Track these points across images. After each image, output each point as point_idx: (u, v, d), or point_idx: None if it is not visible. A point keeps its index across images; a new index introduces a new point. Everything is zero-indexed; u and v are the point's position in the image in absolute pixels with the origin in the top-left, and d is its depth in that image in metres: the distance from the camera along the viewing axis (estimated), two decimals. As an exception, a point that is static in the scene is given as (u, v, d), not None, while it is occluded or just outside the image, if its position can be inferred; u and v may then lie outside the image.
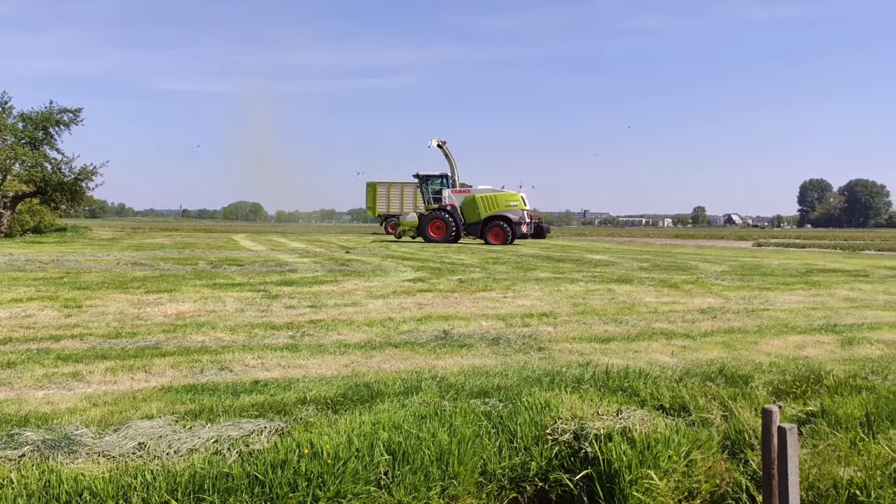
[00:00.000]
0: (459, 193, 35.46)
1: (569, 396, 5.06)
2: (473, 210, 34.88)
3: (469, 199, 35.15)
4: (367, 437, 4.33)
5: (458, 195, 35.37)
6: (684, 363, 6.65)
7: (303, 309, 9.82)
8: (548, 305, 10.57)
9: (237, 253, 22.26)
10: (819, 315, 10.00)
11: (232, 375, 6.04)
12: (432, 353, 7.08)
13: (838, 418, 4.67)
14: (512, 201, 35.08)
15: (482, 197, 35.17)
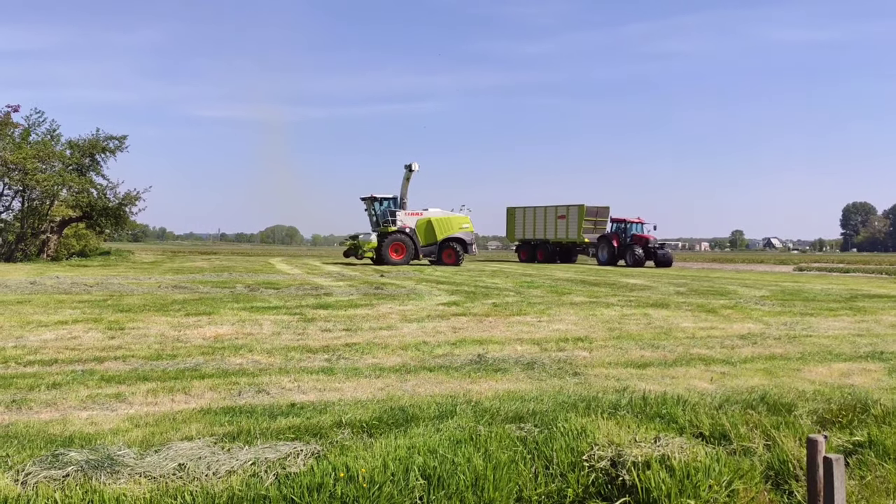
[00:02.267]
0: (412, 216, 36.12)
1: (605, 422, 5.00)
2: (430, 232, 35.84)
3: (424, 221, 35.99)
4: (403, 461, 4.33)
5: (410, 217, 36.01)
6: (724, 390, 6.52)
7: (338, 332, 9.89)
8: (583, 330, 10.48)
9: (274, 276, 22.55)
10: (865, 342, 9.74)
11: (269, 398, 6.10)
12: (467, 378, 7.06)
13: (886, 449, 4.53)
14: (464, 223, 36.74)
15: (438, 220, 36.23)
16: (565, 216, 46.09)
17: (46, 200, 33.63)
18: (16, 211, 33.83)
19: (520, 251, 50.35)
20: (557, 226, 46.59)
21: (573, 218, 45.58)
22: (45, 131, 33.73)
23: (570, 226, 45.66)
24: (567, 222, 45.95)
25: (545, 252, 47.41)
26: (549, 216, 47.58)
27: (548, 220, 47.68)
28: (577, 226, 45.26)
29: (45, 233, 33.72)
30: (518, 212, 50.21)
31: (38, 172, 31.43)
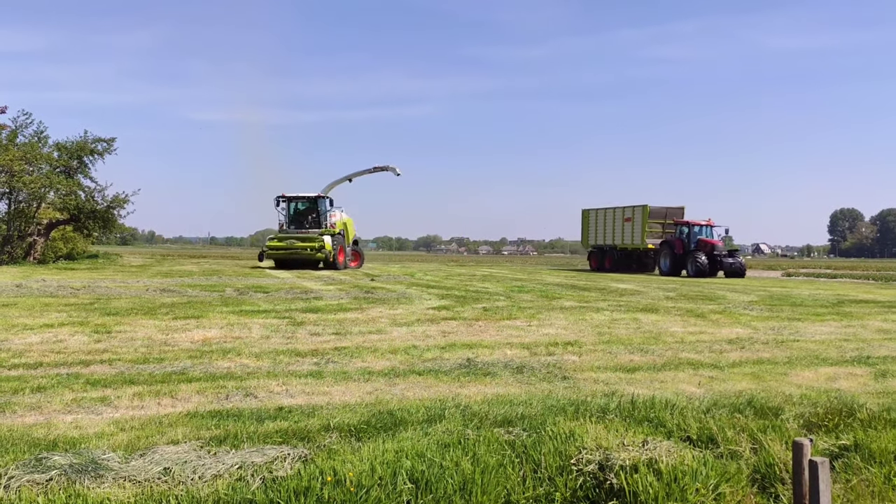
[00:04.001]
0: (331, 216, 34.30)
1: (594, 426, 5.00)
2: (346, 235, 34.67)
3: (341, 223, 34.41)
4: (391, 465, 4.32)
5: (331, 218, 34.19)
6: (712, 394, 6.54)
7: (327, 336, 9.86)
8: (573, 334, 10.49)
9: (263, 280, 22.45)
10: (851, 347, 9.80)
11: (257, 402, 6.07)
12: (456, 382, 7.05)
13: (872, 453, 4.55)
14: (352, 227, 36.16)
15: (349, 221, 35.55)
16: (631, 218, 40.69)
17: (33, 203, 33.36)
18: (2, 213, 33.59)
19: (591, 258, 44.80)
20: (624, 229, 41.24)
21: (637, 220, 40.14)
22: (33, 133, 33.49)
23: (636, 229, 40.20)
24: (633, 225, 40.52)
25: (613, 259, 41.89)
26: (617, 219, 42.25)
27: (616, 223, 42.38)
28: (640, 229, 39.72)
29: (32, 235, 33.44)
30: (591, 214, 45.00)
31: (25, 174, 31.20)
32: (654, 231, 39.59)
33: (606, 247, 42.42)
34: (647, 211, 39.29)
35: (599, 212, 43.76)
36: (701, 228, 36.80)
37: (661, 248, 37.75)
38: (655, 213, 39.83)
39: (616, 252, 41.62)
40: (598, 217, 43.93)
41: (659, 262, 37.63)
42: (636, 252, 40.36)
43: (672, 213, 40.08)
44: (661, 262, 37.37)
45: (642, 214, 39.43)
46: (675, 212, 40.25)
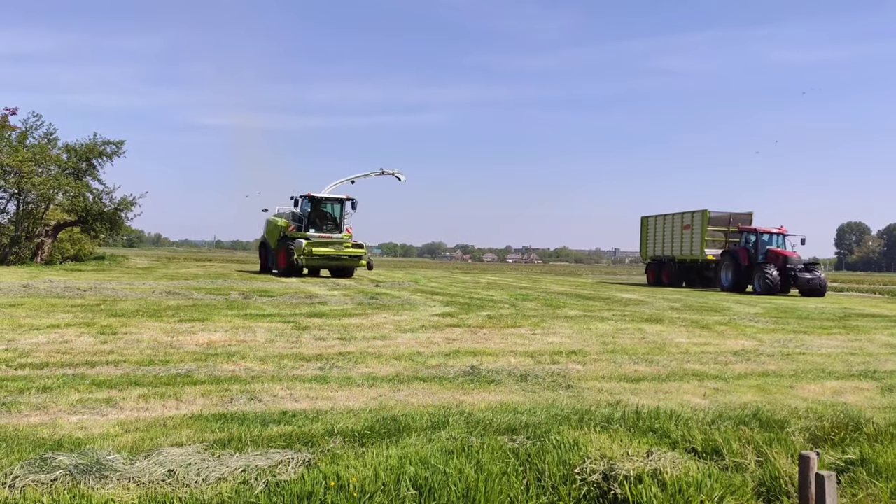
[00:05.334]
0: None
1: (598, 436, 4.99)
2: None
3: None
4: (394, 471, 4.31)
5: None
6: (717, 406, 6.52)
7: (332, 341, 9.86)
8: (577, 343, 10.47)
9: (268, 284, 22.50)
10: (858, 360, 9.75)
11: (261, 405, 6.07)
12: (460, 389, 7.04)
13: (878, 467, 4.52)
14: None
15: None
16: (689, 226, 35.34)
17: (42, 204, 33.53)
18: (10, 214, 33.74)
19: (648, 271, 39.18)
20: (683, 239, 35.96)
21: (696, 228, 34.73)
22: (42, 135, 33.73)
23: (694, 238, 34.84)
24: (691, 234, 35.17)
25: (671, 272, 36.38)
26: (676, 227, 36.84)
27: (675, 231, 36.93)
28: (699, 238, 34.33)
29: (40, 236, 33.61)
30: (650, 222, 39.46)
31: (34, 176, 31.39)
32: (717, 240, 34.51)
33: (665, 258, 37.23)
34: (706, 217, 34.20)
35: (658, 219, 38.63)
36: (771, 237, 30.93)
37: (722, 260, 32.27)
38: (717, 220, 34.64)
39: (674, 264, 36.39)
40: (657, 225, 38.71)
41: (720, 276, 32.02)
42: (696, 264, 35.18)
43: (738, 219, 34.58)
44: (721, 275, 31.78)
45: (701, 221, 34.32)
46: (742, 218, 34.83)
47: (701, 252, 34.04)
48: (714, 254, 33.43)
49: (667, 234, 37.50)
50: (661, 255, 37.66)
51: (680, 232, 36.13)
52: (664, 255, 37.36)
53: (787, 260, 29.06)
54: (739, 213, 34.88)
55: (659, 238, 38.28)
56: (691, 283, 35.47)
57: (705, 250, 33.81)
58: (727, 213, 34.75)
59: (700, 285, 34.65)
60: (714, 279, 33.03)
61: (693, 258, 34.87)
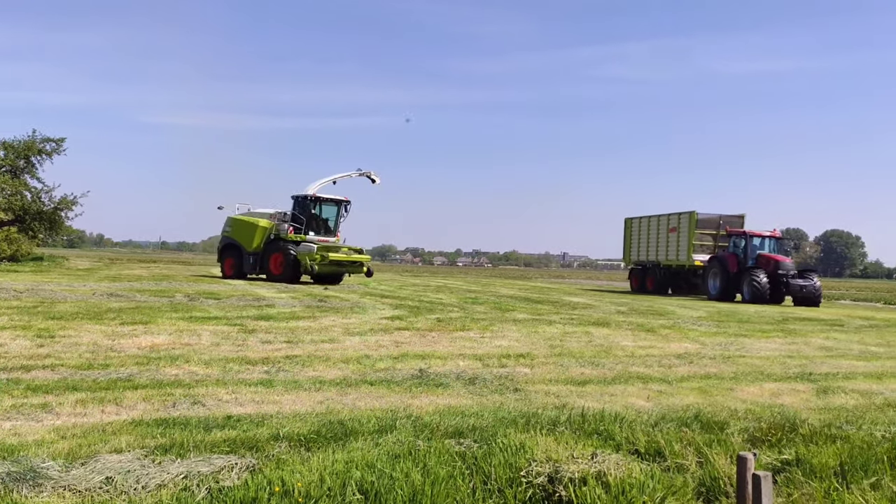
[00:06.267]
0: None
1: (544, 439, 5.03)
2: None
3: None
4: (340, 475, 4.27)
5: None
6: (660, 408, 6.65)
7: (279, 344, 9.73)
8: (525, 346, 10.56)
9: (215, 286, 22.07)
10: (795, 363, 10.07)
11: (204, 410, 5.95)
12: (408, 392, 7.03)
13: (813, 467, 4.68)
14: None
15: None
16: (676, 228, 33.03)
17: (-24, 202, 32.29)
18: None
19: (632, 277, 37.11)
20: (668, 242, 33.56)
21: (683, 231, 32.50)
22: (-23, 130, 32.48)
23: (681, 242, 32.59)
24: (678, 237, 32.87)
25: (656, 278, 34.37)
26: (661, 229, 34.35)
27: (660, 234, 34.50)
28: (686, 242, 32.12)
29: (-26, 235, 32.34)
30: (634, 224, 37.10)
31: (-32, 172, 30.20)
32: (705, 244, 32.45)
33: (649, 263, 35.14)
34: (694, 219, 32.01)
35: (643, 220, 36.20)
36: (763, 241, 29.03)
37: (709, 266, 30.11)
38: (706, 223, 32.49)
39: (659, 270, 34.22)
40: (642, 227, 36.21)
41: (707, 282, 29.98)
42: (682, 270, 32.96)
43: (728, 221, 32.40)
44: (709, 282, 29.68)
45: (689, 223, 32.06)
46: (733, 220, 32.54)
47: (688, 257, 32.00)
48: (702, 259, 31.51)
49: (651, 237, 35.18)
50: (645, 260, 35.57)
51: (666, 235, 33.85)
52: (648, 259, 35.24)
53: (779, 265, 27.02)
54: (730, 216, 32.80)
55: (643, 241, 35.89)
56: (678, 289, 33.46)
57: (692, 255, 31.85)
58: (717, 216, 32.68)
59: (687, 292, 32.79)
60: (702, 286, 31.06)
61: (679, 264, 32.71)
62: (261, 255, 27.95)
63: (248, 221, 28.85)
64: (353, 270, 28.31)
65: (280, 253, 27.09)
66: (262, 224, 28.38)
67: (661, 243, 34.18)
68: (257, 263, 28.02)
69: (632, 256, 37.08)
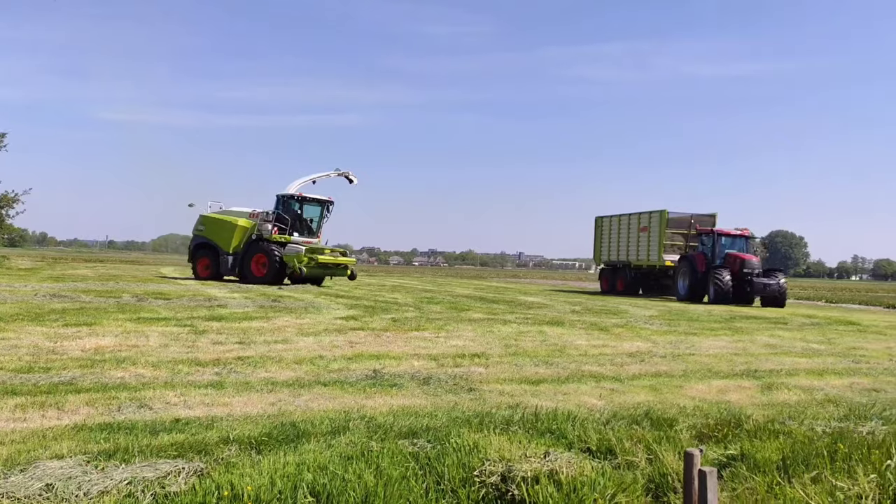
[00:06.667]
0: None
1: (497, 438, 5.05)
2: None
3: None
4: (291, 478, 4.21)
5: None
6: (612, 406, 6.74)
7: (230, 345, 9.57)
8: (480, 346, 10.60)
9: (165, 286, 21.60)
10: (741, 361, 10.32)
11: (151, 413, 5.80)
12: (362, 393, 6.98)
13: (757, 462, 4.79)
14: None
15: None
16: (647, 227, 32.17)
17: None
18: None
19: (602, 278, 36.41)
20: (639, 242, 32.74)
21: (654, 230, 31.59)
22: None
23: (652, 242, 31.70)
24: (648, 237, 32.03)
25: (626, 279, 33.58)
26: (632, 228, 33.47)
27: (630, 233, 33.63)
28: (657, 241, 31.26)
29: None
30: (605, 223, 36.16)
31: None
32: (676, 244, 31.58)
33: (620, 264, 34.29)
34: (664, 218, 31.08)
35: (613, 219, 35.31)
36: (733, 240, 28.44)
37: (679, 266, 29.38)
38: (677, 222, 31.56)
39: (630, 271, 33.38)
40: (612, 226, 35.30)
41: (677, 283, 29.19)
42: (653, 270, 32.09)
43: (700, 221, 31.55)
44: (679, 282, 28.98)
45: (659, 222, 31.14)
46: (704, 220, 31.80)
47: (659, 257, 31.06)
48: (673, 259, 30.66)
49: (622, 237, 34.27)
50: (615, 260, 34.70)
51: (637, 234, 32.92)
52: (619, 259, 34.34)
53: (745, 264, 26.54)
54: (701, 215, 32.10)
55: (614, 241, 35.01)
56: (649, 290, 32.66)
57: (663, 255, 31.00)
58: (688, 215, 31.84)
59: (659, 293, 31.95)
60: (673, 287, 30.12)
61: (650, 264, 31.81)
62: (241, 257, 26.73)
63: (226, 220, 27.47)
64: (337, 273, 27.64)
65: (263, 254, 26.09)
66: (241, 223, 27.17)
67: (631, 243, 33.47)
68: (236, 265, 26.82)
69: (602, 256, 36.33)
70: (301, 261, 25.27)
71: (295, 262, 25.24)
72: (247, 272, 26.36)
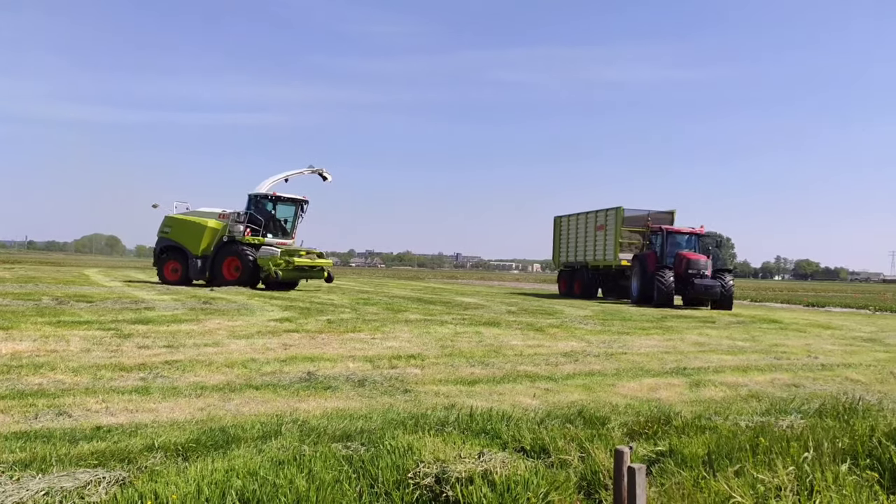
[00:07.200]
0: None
1: (432, 439, 5.02)
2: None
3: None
4: (219, 485, 4.08)
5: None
6: (546, 405, 6.81)
7: (158, 349, 9.26)
8: (416, 347, 10.56)
9: (88, 288, 20.78)
10: (671, 359, 10.59)
11: (71, 421, 5.55)
12: (295, 396, 6.85)
13: (684, 457, 4.90)
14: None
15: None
16: (604, 226, 30.65)
17: None
18: None
19: (560, 280, 34.57)
20: (596, 242, 31.22)
21: (611, 229, 30.13)
22: None
23: (608, 241, 30.25)
24: (605, 236, 30.55)
25: (583, 281, 31.70)
26: (590, 228, 31.88)
27: (588, 233, 32.07)
28: (613, 240, 29.80)
29: None
30: (563, 222, 34.57)
31: None
32: (633, 243, 30.19)
33: (578, 265, 32.62)
34: (620, 215, 29.63)
35: (571, 219, 33.72)
36: (689, 238, 26.95)
37: (633, 266, 27.80)
38: (634, 220, 30.06)
39: (587, 272, 31.66)
40: (570, 226, 33.71)
41: (632, 284, 27.57)
42: (610, 271, 30.51)
43: (658, 219, 30.07)
44: (632, 283, 27.41)
45: (615, 220, 29.71)
46: (662, 217, 30.31)
47: (614, 257, 29.59)
48: (630, 259, 28.91)
49: (580, 237, 32.67)
50: (574, 261, 33.14)
51: (594, 234, 31.40)
52: (577, 260, 32.77)
53: (690, 263, 25.05)
54: (659, 212, 30.60)
55: (572, 241, 33.46)
56: (609, 292, 31.24)
57: (619, 255, 29.55)
58: (645, 212, 30.41)
59: (616, 296, 30.38)
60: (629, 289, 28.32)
61: (606, 264, 30.33)
62: (211, 259, 25.60)
63: (194, 222, 26.27)
64: (313, 276, 26.69)
65: (236, 257, 25.05)
66: (210, 225, 26.05)
67: (588, 243, 31.93)
68: (206, 268, 25.69)
69: (561, 258, 34.77)
70: (277, 263, 24.38)
71: (270, 265, 24.31)
72: (218, 276, 25.36)
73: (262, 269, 24.60)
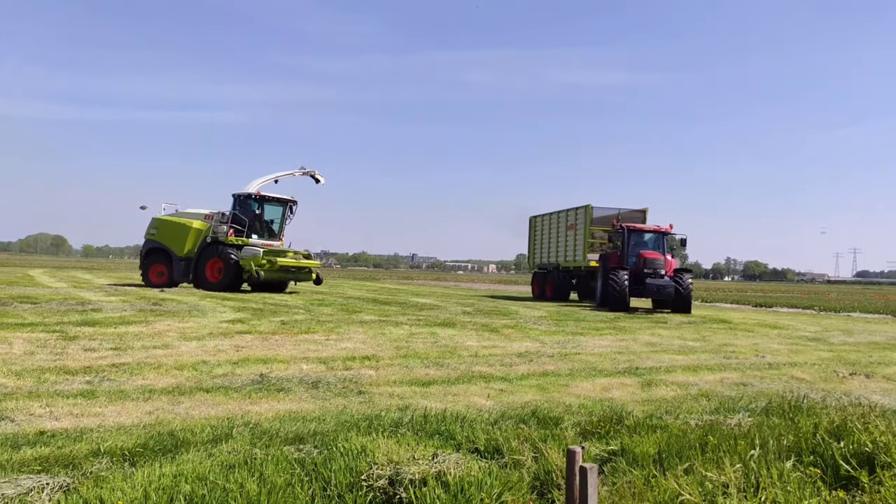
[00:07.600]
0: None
1: (385, 441, 5.00)
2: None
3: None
4: (167, 490, 4.00)
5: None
6: (501, 406, 6.84)
7: (104, 351, 9.02)
8: (371, 348, 10.51)
9: (32, 290, 20.15)
10: (624, 359, 10.75)
11: (13, 426, 5.38)
12: (247, 398, 6.75)
13: (635, 456, 4.98)
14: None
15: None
16: (574, 226, 29.56)
17: None
18: None
19: (534, 282, 33.38)
20: (567, 242, 30.07)
21: (580, 228, 29.07)
22: None
23: (577, 241, 29.17)
24: (575, 235, 29.47)
25: (555, 283, 30.57)
26: (561, 227, 30.72)
27: (559, 233, 30.95)
28: (582, 240, 28.75)
29: None
30: (538, 222, 33.46)
31: None
32: (604, 242, 28.73)
33: (550, 266, 31.43)
34: (589, 214, 28.51)
35: (545, 218, 32.60)
36: (656, 237, 25.37)
37: (599, 266, 26.30)
38: (603, 219, 28.85)
39: (559, 273, 30.41)
40: (544, 226, 32.55)
41: (598, 285, 26.00)
42: (580, 272, 29.22)
43: (630, 218, 28.59)
44: (598, 284, 25.93)
45: (584, 219, 28.62)
46: (634, 216, 29.00)
47: (583, 257, 28.47)
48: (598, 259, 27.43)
49: (552, 237, 31.55)
50: (547, 263, 32.01)
51: (565, 234, 30.21)
52: (549, 262, 31.67)
53: (647, 262, 23.73)
54: (631, 210, 29.27)
55: (545, 242, 32.31)
56: (583, 296, 30.16)
57: (588, 255, 28.38)
58: (615, 211, 29.20)
59: (589, 298, 28.76)
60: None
61: (576, 265, 29.23)
62: (195, 261, 25.08)
63: (178, 223, 25.90)
64: (300, 277, 26.22)
65: (218, 258, 24.51)
66: (195, 226, 25.56)
67: (560, 243, 30.68)
68: (190, 270, 25.18)
69: (535, 259, 33.51)
70: (259, 264, 23.90)
71: (252, 266, 23.82)
72: (201, 278, 24.82)
73: (245, 270, 24.15)
